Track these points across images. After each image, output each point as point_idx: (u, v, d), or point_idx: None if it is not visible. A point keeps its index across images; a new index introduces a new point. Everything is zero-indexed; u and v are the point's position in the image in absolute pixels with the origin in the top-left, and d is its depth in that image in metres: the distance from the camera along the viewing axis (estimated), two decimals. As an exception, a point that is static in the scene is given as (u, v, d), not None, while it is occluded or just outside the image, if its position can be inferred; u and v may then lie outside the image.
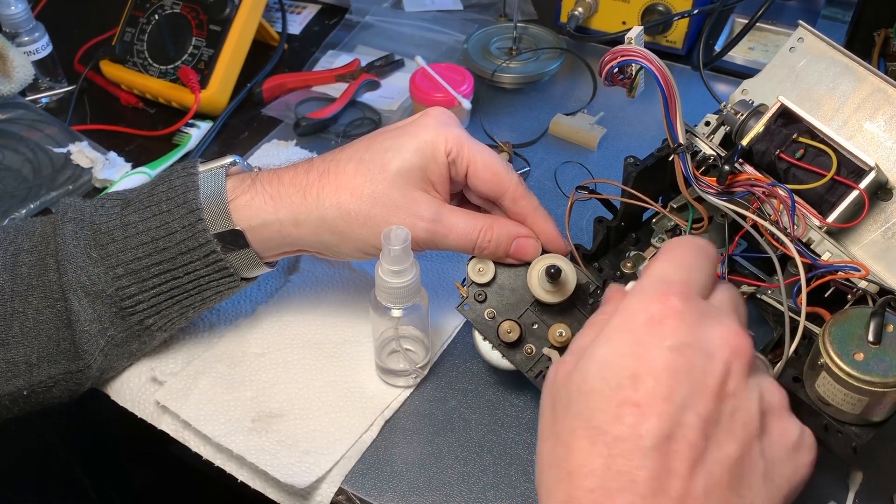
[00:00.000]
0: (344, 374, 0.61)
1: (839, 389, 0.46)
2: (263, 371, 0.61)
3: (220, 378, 0.60)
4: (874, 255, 0.52)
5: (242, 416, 0.58)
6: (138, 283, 0.55)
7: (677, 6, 0.89)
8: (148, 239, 0.54)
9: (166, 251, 0.54)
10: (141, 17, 0.91)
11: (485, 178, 0.55)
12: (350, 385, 0.61)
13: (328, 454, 0.56)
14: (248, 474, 0.56)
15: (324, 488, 0.55)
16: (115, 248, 0.54)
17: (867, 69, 0.55)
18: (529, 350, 0.55)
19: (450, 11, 1.04)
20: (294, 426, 0.58)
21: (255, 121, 0.89)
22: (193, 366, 0.61)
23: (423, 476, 0.56)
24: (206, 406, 0.58)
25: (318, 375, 0.61)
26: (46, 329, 0.55)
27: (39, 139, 0.82)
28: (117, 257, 0.54)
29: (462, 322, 0.65)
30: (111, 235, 0.54)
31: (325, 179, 0.53)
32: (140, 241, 0.54)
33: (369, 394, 0.60)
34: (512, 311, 0.56)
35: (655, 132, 0.84)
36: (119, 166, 0.80)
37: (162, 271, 0.55)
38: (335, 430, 0.58)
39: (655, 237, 0.63)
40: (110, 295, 0.54)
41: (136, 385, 0.60)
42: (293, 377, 0.61)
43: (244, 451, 0.55)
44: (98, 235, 0.54)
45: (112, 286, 0.54)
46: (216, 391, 0.59)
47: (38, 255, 0.55)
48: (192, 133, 0.84)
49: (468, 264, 0.56)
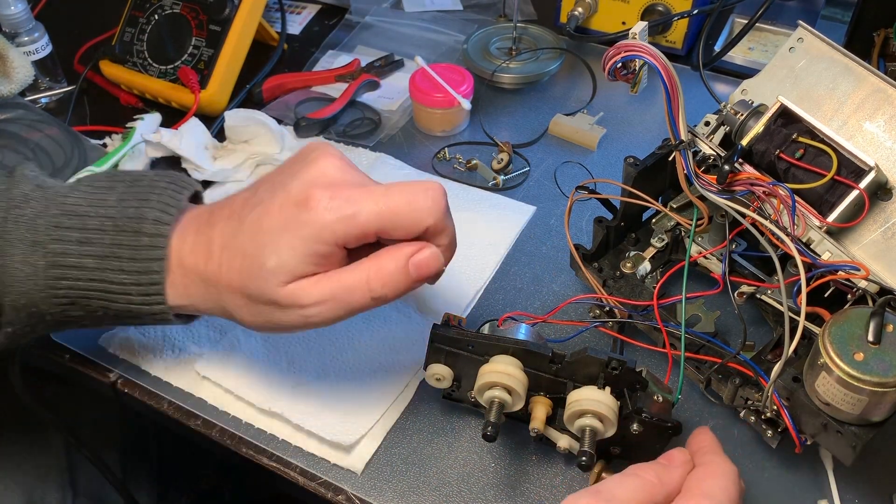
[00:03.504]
0: (376, 340, 0.64)
1: (839, 389, 0.46)
2: (297, 341, 0.64)
3: (256, 348, 0.63)
4: (874, 254, 0.52)
5: (282, 383, 0.61)
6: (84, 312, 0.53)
7: (677, 6, 0.89)
8: (101, 287, 0.52)
9: (116, 303, 0.52)
10: (141, 17, 0.91)
11: (400, 236, 0.49)
12: (383, 350, 0.63)
13: (369, 414, 0.59)
14: (290, 432, 0.59)
15: (365, 443, 0.58)
16: (66, 284, 0.52)
17: (867, 69, 0.55)
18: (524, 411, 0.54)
19: (450, 11, 1.04)
20: (332, 390, 0.60)
21: (255, 121, 0.89)
22: (229, 337, 0.64)
23: (423, 476, 0.56)
24: (246, 374, 0.61)
25: (350, 342, 0.64)
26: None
27: (39, 139, 0.82)
28: (66, 291, 0.52)
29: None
30: (65, 272, 0.52)
31: (219, 276, 0.50)
32: (92, 287, 0.52)
33: (402, 357, 0.63)
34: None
35: (655, 132, 0.84)
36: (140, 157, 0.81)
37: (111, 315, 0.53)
38: (373, 391, 0.60)
39: (655, 237, 0.63)
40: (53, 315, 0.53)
41: (172, 356, 0.64)
42: (327, 345, 0.64)
43: (288, 414, 0.58)
44: (51, 269, 0.51)
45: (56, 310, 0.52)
46: (254, 360, 0.62)
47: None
48: (137, 126, 0.83)
49: (426, 377, 0.54)
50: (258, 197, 0.50)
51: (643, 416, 0.50)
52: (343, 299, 0.48)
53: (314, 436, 0.58)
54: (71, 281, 0.52)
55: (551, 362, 0.51)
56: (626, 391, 0.51)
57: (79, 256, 0.51)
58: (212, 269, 0.50)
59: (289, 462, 0.57)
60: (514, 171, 0.81)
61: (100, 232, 0.52)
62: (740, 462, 0.56)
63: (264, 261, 0.48)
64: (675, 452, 0.48)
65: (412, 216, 0.48)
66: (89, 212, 0.52)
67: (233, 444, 0.59)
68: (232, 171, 0.80)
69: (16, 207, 0.52)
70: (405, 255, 0.48)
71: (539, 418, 0.52)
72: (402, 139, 0.86)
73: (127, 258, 0.51)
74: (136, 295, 0.52)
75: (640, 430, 0.51)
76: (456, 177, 0.81)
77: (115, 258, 0.51)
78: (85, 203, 0.52)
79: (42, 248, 0.51)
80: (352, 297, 0.48)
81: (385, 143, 0.85)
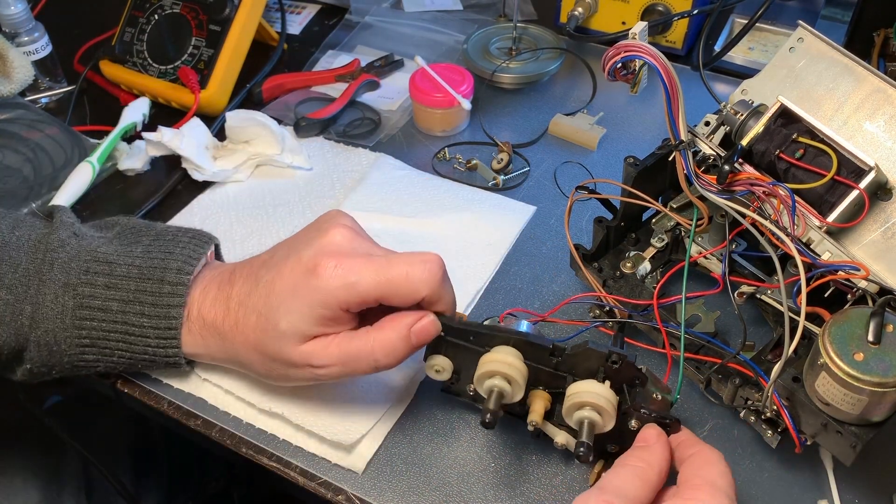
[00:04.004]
0: None
1: (839, 389, 0.46)
2: None
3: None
4: (874, 255, 0.52)
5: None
6: (100, 355, 0.57)
7: (677, 6, 0.89)
8: (122, 329, 0.56)
9: (135, 346, 0.57)
10: (140, 17, 0.91)
11: (399, 303, 0.52)
12: None
13: (370, 413, 0.59)
14: (291, 432, 0.59)
15: (366, 443, 0.58)
16: (90, 325, 0.56)
17: (867, 69, 0.55)
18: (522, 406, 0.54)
19: (449, 11, 1.04)
20: (333, 390, 0.60)
21: (255, 121, 0.89)
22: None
23: (423, 476, 0.56)
24: (246, 376, 0.61)
25: None
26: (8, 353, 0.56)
27: (39, 139, 0.82)
28: (89, 332, 0.56)
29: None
30: (91, 313, 0.56)
31: (235, 332, 0.55)
32: (114, 328, 0.56)
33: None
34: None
35: (655, 132, 0.84)
36: (140, 155, 0.81)
37: (125, 357, 0.57)
38: (373, 391, 0.60)
39: (655, 237, 0.63)
40: (70, 356, 0.57)
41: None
42: None
43: (289, 414, 0.58)
44: (78, 310, 0.56)
45: (74, 350, 0.56)
46: None
47: (17, 296, 0.56)
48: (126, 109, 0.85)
49: (426, 368, 0.55)
50: (274, 260, 0.54)
51: (642, 411, 0.51)
52: (350, 365, 0.53)
53: (315, 436, 0.58)
54: (96, 322, 0.56)
55: (551, 355, 0.51)
56: (626, 387, 0.51)
57: (105, 300, 0.56)
58: (229, 325, 0.55)
59: (289, 462, 0.57)
60: (514, 171, 0.81)
61: (126, 279, 0.56)
62: (740, 462, 0.56)
63: (277, 322, 0.52)
64: (648, 431, 0.50)
65: (409, 287, 0.51)
66: (118, 260, 0.57)
67: (232, 445, 0.59)
68: (232, 172, 0.80)
69: (53, 251, 0.56)
70: (406, 326, 0.52)
71: (537, 411, 0.52)
72: (402, 139, 0.86)
73: (149, 304, 0.56)
74: (154, 338, 0.56)
75: (638, 427, 0.51)
76: (456, 177, 0.81)
77: (137, 303, 0.56)
78: (114, 252, 0.58)
79: (73, 289, 0.56)
80: (357, 364, 0.52)
81: (385, 143, 0.85)
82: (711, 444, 0.56)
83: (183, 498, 0.94)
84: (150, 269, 0.57)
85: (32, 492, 0.79)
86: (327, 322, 0.52)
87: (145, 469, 0.89)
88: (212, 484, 1.01)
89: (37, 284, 0.56)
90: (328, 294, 0.51)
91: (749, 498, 0.55)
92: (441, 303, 0.53)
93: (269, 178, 0.81)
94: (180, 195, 0.80)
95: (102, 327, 0.56)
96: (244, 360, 0.56)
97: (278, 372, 0.54)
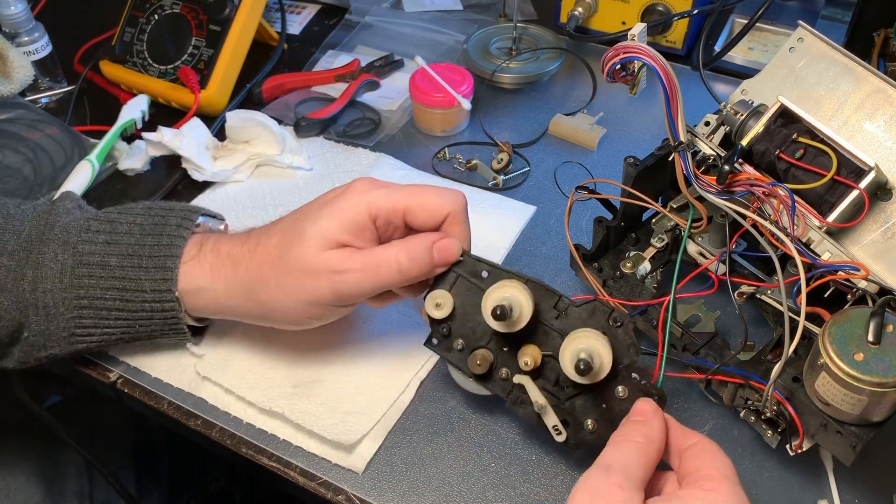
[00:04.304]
0: (376, 340, 0.64)
1: (839, 389, 0.46)
2: (298, 342, 0.63)
3: (256, 350, 0.63)
4: (874, 255, 0.52)
5: (283, 383, 0.61)
6: (97, 318, 0.57)
7: (677, 6, 0.89)
8: (119, 286, 0.57)
9: (131, 303, 0.57)
10: (141, 17, 0.91)
11: (423, 218, 0.55)
12: (383, 350, 0.63)
13: (370, 413, 0.59)
14: (291, 432, 0.59)
15: (366, 443, 0.58)
16: (88, 283, 0.57)
17: (867, 69, 0.55)
18: (504, 374, 0.54)
19: (450, 11, 1.04)
20: (333, 390, 0.60)
21: (255, 121, 0.89)
22: (229, 339, 0.64)
23: (423, 476, 0.56)
24: (246, 375, 0.61)
25: (350, 343, 0.64)
26: (9, 325, 0.57)
27: (39, 139, 0.82)
28: (87, 290, 0.57)
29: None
30: (89, 269, 0.57)
31: (253, 253, 0.55)
32: (112, 285, 0.57)
33: (403, 357, 0.63)
34: (480, 338, 0.55)
35: (655, 132, 0.84)
36: (140, 155, 0.81)
37: (122, 317, 0.58)
38: (374, 391, 0.60)
39: (655, 237, 0.63)
40: (68, 319, 0.57)
41: (172, 357, 0.63)
42: (327, 346, 0.63)
43: (289, 414, 0.58)
44: (77, 267, 0.57)
45: (72, 313, 0.57)
46: (254, 361, 0.62)
47: (18, 262, 0.57)
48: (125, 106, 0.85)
49: (425, 302, 0.55)
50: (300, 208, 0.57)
51: (633, 376, 0.51)
52: (373, 270, 0.52)
53: (315, 436, 0.58)
54: (94, 280, 0.56)
55: (555, 307, 0.53)
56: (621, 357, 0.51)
57: (104, 255, 0.57)
58: (248, 248, 0.56)
59: (289, 462, 0.57)
60: (514, 171, 0.81)
61: (127, 234, 0.58)
62: (740, 462, 0.56)
63: (303, 230, 0.53)
64: (644, 405, 0.49)
65: (436, 200, 0.54)
66: (119, 219, 0.59)
67: (232, 445, 0.59)
68: (232, 172, 0.80)
69: (56, 216, 0.58)
70: (431, 239, 0.54)
71: (532, 355, 0.52)
72: (402, 139, 0.86)
73: (147, 256, 0.57)
74: (150, 291, 0.57)
75: (625, 395, 0.51)
76: (456, 177, 0.81)
77: (136, 256, 0.57)
78: (115, 212, 0.60)
79: (73, 248, 0.57)
80: (380, 269, 0.53)
81: (385, 143, 0.85)
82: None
83: (184, 497, 0.95)
84: (150, 225, 0.58)
85: (34, 491, 0.79)
86: (355, 230, 0.53)
87: (146, 469, 0.89)
88: (213, 483, 1.01)
89: (38, 247, 0.56)
90: (358, 200, 0.53)
91: (749, 498, 0.54)
92: (462, 229, 0.55)
93: (269, 178, 0.81)
94: (180, 195, 0.80)
95: (101, 285, 0.56)
96: (257, 281, 0.54)
97: (294, 287, 0.53)
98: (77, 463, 0.83)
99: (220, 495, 1.03)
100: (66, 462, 0.83)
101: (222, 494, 1.03)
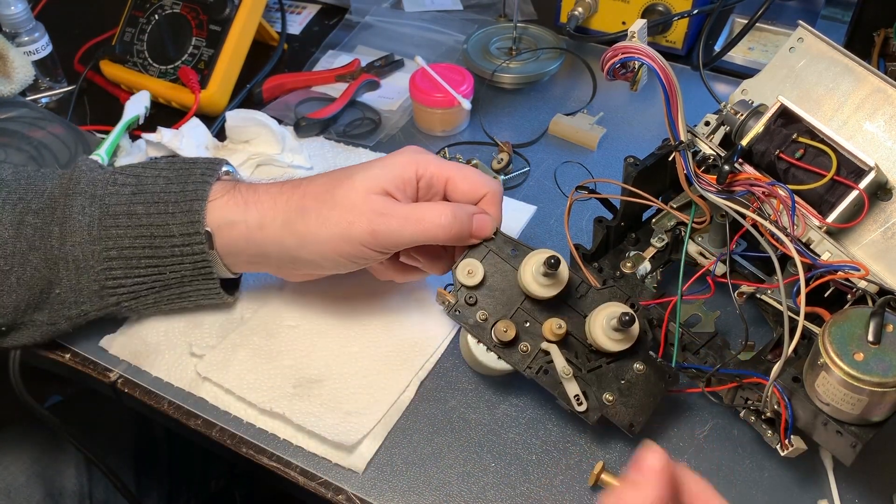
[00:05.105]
0: (377, 340, 0.64)
1: (839, 389, 0.46)
2: (298, 341, 0.64)
3: (257, 349, 0.63)
4: (874, 255, 0.52)
5: (283, 383, 0.61)
6: (126, 268, 0.58)
7: (677, 6, 0.89)
8: (147, 233, 0.58)
9: (160, 249, 0.58)
10: (141, 17, 0.91)
11: (464, 189, 0.58)
12: (384, 349, 0.64)
13: (370, 414, 0.59)
14: (291, 432, 0.59)
15: (366, 443, 0.58)
16: (115, 233, 0.58)
17: (867, 69, 0.55)
18: (525, 348, 0.55)
19: (450, 11, 1.04)
20: (334, 390, 0.60)
21: (255, 121, 0.89)
22: (230, 339, 0.64)
23: (423, 476, 0.56)
24: (247, 375, 0.61)
25: (351, 342, 0.64)
26: (38, 284, 0.58)
27: (43, 137, 0.82)
28: (115, 241, 0.58)
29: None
30: (116, 220, 0.58)
31: (296, 188, 0.57)
32: (140, 233, 0.58)
33: (403, 356, 0.63)
34: (504, 311, 0.56)
35: (655, 132, 0.84)
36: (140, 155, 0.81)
37: (151, 265, 0.59)
38: (374, 391, 0.61)
39: (655, 237, 0.63)
40: (98, 272, 0.58)
41: (172, 358, 0.63)
42: (328, 345, 0.64)
43: (290, 414, 0.58)
44: (104, 218, 0.58)
45: (102, 265, 0.58)
46: (255, 361, 0.62)
47: (44, 220, 0.58)
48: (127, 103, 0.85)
49: (456, 269, 0.56)
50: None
51: (650, 353, 0.55)
52: (415, 220, 0.55)
53: (315, 436, 0.58)
54: (122, 229, 0.58)
55: (577, 288, 0.56)
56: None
57: (130, 205, 0.58)
58: (291, 185, 0.58)
59: (289, 462, 0.57)
60: (514, 170, 0.81)
61: (152, 184, 0.59)
62: (740, 462, 0.56)
63: (354, 173, 0.56)
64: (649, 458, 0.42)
65: (479, 178, 0.58)
66: (144, 172, 0.60)
67: (233, 445, 0.59)
68: (232, 171, 0.80)
69: (81, 173, 0.59)
70: (472, 209, 0.57)
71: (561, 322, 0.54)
72: (403, 139, 0.86)
73: (173, 202, 0.58)
74: (178, 235, 0.57)
75: (642, 370, 0.55)
76: (456, 177, 0.81)
77: (162, 203, 0.58)
78: (140, 167, 0.61)
79: (99, 200, 0.58)
80: (424, 221, 0.55)
81: (385, 143, 0.85)
82: (711, 444, 0.57)
83: (184, 497, 0.95)
84: (176, 175, 0.59)
85: (34, 491, 0.79)
86: (399, 184, 0.56)
87: (147, 468, 0.89)
88: (213, 483, 1.01)
89: (64, 202, 0.57)
90: (409, 158, 0.57)
91: (749, 498, 0.55)
92: (495, 210, 0.58)
93: (269, 178, 0.81)
94: (180, 195, 0.80)
95: (129, 234, 0.57)
96: (295, 214, 0.56)
97: (333, 221, 0.55)
98: (77, 462, 0.83)
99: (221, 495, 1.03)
100: (67, 461, 0.83)
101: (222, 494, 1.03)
